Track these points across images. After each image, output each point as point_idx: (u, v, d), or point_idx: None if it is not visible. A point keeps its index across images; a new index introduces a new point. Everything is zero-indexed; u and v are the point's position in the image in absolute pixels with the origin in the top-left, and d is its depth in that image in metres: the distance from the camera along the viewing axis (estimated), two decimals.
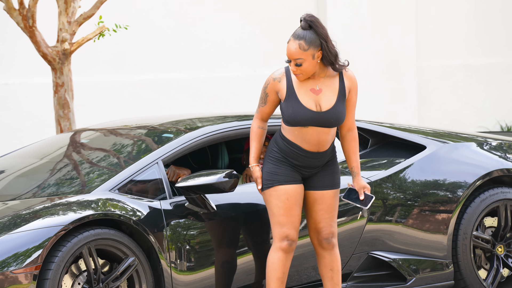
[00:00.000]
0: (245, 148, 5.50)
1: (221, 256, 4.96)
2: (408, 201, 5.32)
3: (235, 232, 5.00)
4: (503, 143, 5.68)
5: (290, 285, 5.10)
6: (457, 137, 5.64)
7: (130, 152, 5.21)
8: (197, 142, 5.14)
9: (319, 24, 4.60)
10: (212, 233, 4.95)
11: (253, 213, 5.05)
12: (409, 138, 5.53)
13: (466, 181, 5.40)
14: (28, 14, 6.65)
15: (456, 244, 5.37)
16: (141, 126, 5.50)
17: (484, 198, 5.43)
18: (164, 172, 5.02)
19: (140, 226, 4.77)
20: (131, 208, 4.80)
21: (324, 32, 4.60)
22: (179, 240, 4.86)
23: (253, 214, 5.05)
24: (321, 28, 4.61)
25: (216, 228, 4.97)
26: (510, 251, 5.50)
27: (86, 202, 4.74)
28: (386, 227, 5.27)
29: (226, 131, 5.23)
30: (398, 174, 5.35)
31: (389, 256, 5.26)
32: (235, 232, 5.00)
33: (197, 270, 4.90)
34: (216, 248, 4.96)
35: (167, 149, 5.08)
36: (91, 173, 5.12)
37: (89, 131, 5.73)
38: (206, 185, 4.84)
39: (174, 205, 4.93)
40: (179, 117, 5.60)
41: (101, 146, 5.42)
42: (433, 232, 5.34)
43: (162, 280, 4.81)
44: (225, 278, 4.97)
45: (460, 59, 10.34)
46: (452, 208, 5.36)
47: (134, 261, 4.76)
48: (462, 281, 5.37)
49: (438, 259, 5.34)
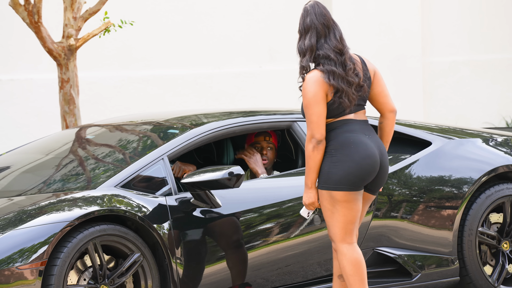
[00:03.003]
0: (247, 144, 5.50)
1: (227, 252, 4.96)
2: (414, 197, 5.32)
3: (241, 228, 5.00)
4: (509, 139, 5.67)
5: (295, 280, 5.10)
6: (462, 133, 5.63)
7: (135, 148, 5.21)
8: (202, 138, 5.14)
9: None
10: (217, 229, 4.95)
11: (259, 209, 5.05)
12: (415, 134, 5.52)
13: (471, 177, 5.39)
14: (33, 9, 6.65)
15: (461, 240, 5.37)
16: (147, 122, 5.50)
17: (489, 194, 5.42)
18: (170, 168, 5.02)
19: (146, 222, 4.78)
20: (136, 204, 4.80)
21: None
22: (184, 236, 4.87)
23: (258, 210, 5.05)
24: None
25: (222, 224, 4.97)
26: None
27: (91, 198, 4.75)
28: (391, 223, 5.26)
29: (231, 127, 5.23)
30: (404, 170, 5.35)
31: (394, 252, 5.26)
32: (241, 228, 5.00)
33: (202, 265, 4.90)
34: (222, 244, 4.96)
35: (172, 145, 5.08)
36: (96, 169, 5.13)
37: (94, 127, 5.73)
38: (211, 181, 4.84)
39: (180, 201, 4.93)
40: (185, 113, 5.60)
41: (107, 142, 5.42)
42: (438, 228, 5.34)
43: (167, 276, 4.81)
44: (232, 273, 4.97)
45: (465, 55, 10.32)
46: (457, 204, 5.36)
47: (139, 257, 4.76)
48: (468, 277, 5.37)
49: (444, 255, 5.33)
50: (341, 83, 4.49)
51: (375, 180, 4.56)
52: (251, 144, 5.47)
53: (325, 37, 4.51)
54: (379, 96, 4.59)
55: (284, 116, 5.37)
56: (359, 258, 4.52)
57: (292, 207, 5.10)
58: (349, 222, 4.52)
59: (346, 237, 4.53)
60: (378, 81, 4.60)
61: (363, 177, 4.49)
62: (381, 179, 4.57)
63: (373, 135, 4.58)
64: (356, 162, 4.47)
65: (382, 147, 4.58)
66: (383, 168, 4.56)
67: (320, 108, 4.46)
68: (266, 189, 5.12)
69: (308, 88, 4.47)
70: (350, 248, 4.53)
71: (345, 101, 4.49)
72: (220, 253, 4.94)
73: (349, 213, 4.51)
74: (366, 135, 4.54)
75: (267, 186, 5.14)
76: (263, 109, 5.50)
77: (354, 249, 4.53)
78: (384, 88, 4.60)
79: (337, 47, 4.51)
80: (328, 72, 4.46)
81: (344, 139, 4.51)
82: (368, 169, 4.48)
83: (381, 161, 4.54)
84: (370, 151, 4.50)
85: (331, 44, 4.50)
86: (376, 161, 4.51)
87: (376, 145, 4.56)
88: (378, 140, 4.59)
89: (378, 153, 4.53)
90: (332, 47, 4.50)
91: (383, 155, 4.56)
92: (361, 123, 4.57)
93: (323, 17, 4.52)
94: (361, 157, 4.48)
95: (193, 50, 9.57)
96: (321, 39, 4.50)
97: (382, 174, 4.56)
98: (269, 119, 5.34)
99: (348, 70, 4.50)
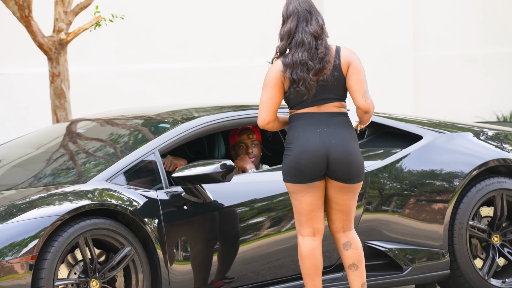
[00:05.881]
0: (231, 144, 5.50)
1: (217, 246, 4.96)
2: (405, 191, 5.33)
3: (232, 222, 5.00)
4: (500, 133, 5.68)
5: (286, 274, 5.11)
6: (453, 127, 5.64)
7: (126, 142, 5.20)
8: (193, 132, 5.13)
9: None
10: (208, 223, 4.95)
11: (250, 203, 5.05)
12: (406, 128, 5.53)
13: (462, 171, 5.40)
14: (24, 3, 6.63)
15: (452, 233, 5.38)
16: (138, 116, 5.49)
17: (480, 188, 5.43)
18: (161, 162, 5.01)
19: (137, 216, 4.77)
20: (127, 198, 4.80)
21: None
22: (175, 229, 4.86)
23: (249, 204, 5.05)
24: None
25: (213, 218, 4.97)
26: (506, 241, 5.51)
27: (82, 192, 4.74)
28: (382, 217, 5.27)
29: (222, 121, 5.23)
30: (395, 164, 5.35)
31: (385, 245, 5.26)
32: (232, 222, 5.00)
33: (193, 260, 4.90)
34: (213, 238, 4.95)
35: (163, 139, 5.07)
36: (87, 163, 5.12)
37: (85, 121, 5.72)
38: (202, 175, 4.84)
39: (171, 195, 4.93)
40: (176, 107, 5.60)
41: (98, 136, 5.41)
42: (429, 221, 5.34)
43: (158, 270, 4.81)
44: (222, 267, 4.97)
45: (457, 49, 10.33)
46: (448, 198, 5.37)
47: (130, 251, 4.75)
48: (458, 270, 5.38)
49: (434, 249, 5.34)
50: (300, 73, 4.53)
51: (331, 171, 4.57)
52: (235, 144, 5.48)
53: (306, 22, 4.56)
54: (350, 90, 4.60)
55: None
56: (307, 252, 4.58)
57: (283, 201, 5.10)
58: (300, 214, 4.61)
59: (300, 228, 4.63)
60: (351, 75, 4.57)
61: (302, 170, 4.55)
62: (336, 171, 4.55)
63: (332, 127, 4.57)
64: (294, 156, 4.56)
65: (337, 139, 4.55)
66: (333, 159, 4.54)
67: (271, 93, 4.55)
68: (257, 183, 5.12)
69: (267, 72, 4.59)
70: (301, 240, 4.62)
71: (302, 89, 4.54)
72: (211, 246, 4.94)
73: (298, 204, 4.60)
74: (318, 129, 4.56)
75: (258, 180, 5.14)
76: (253, 103, 5.50)
77: (304, 242, 4.60)
78: (355, 83, 4.56)
79: (317, 32, 4.54)
80: (287, 65, 4.53)
81: (292, 133, 4.60)
82: (305, 164, 4.53)
83: (328, 153, 4.54)
84: (309, 146, 4.54)
85: (312, 29, 4.55)
86: (315, 156, 4.53)
87: (327, 138, 4.55)
88: (337, 132, 4.57)
89: (323, 147, 4.54)
90: (313, 31, 4.54)
91: (335, 147, 4.54)
92: (321, 116, 4.58)
93: (306, 4, 4.59)
94: (299, 151, 4.55)
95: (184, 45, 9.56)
96: (302, 23, 4.56)
97: (335, 165, 4.54)
98: None
99: (314, 54, 4.53)
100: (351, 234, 4.65)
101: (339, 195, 4.61)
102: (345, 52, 4.57)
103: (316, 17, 4.56)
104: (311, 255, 4.58)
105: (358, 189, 4.63)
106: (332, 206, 4.64)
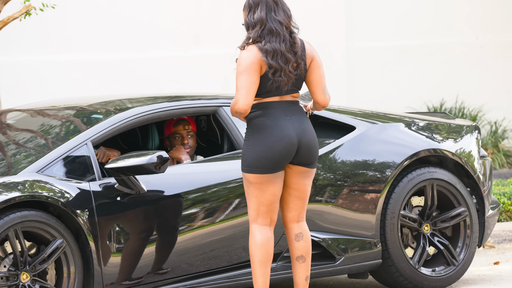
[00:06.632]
0: (166, 134, 5.48)
1: (151, 237, 4.94)
2: (338, 181, 5.37)
3: (166, 213, 4.98)
4: (431, 123, 5.76)
5: (220, 265, 5.11)
6: (385, 117, 5.70)
7: (58, 133, 5.14)
8: (127, 123, 5.09)
9: None
10: (142, 214, 4.92)
11: (184, 194, 5.04)
12: (339, 118, 5.57)
13: (394, 161, 5.47)
14: None
15: (384, 223, 5.44)
16: (70, 107, 5.42)
17: (411, 178, 5.51)
18: (94, 153, 4.96)
19: (69, 208, 4.72)
20: (59, 190, 4.74)
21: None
22: (108, 221, 4.82)
23: (183, 195, 5.04)
24: None
25: (146, 210, 4.94)
26: (436, 230, 5.60)
27: (12, 184, 4.66)
28: (316, 207, 5.31)
29: (156, 112, 5.20)
30: (328, 155, 5.39)
31: (319, 236, 5.30)
32: (166, 213, 4.98)
33: (126, 251, 4.87)
34: (146, 229, 4.93)
35: (96, 130, 5.02)
36: (17, 154, 5.04)
37: (15, 111, 5.63)
38: (136, 166, 4.80)
39: (104, 186, 4.89)
40: (109, 97, 5.54)
41: (28, 127, 5.33)
42: (362, 211, 5.40)
43: (91, 262, 4.76)
44: (156, 259, 4.95)
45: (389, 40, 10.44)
46: (380, 188, 5.43)
47: (62, 243, 4.70)
48: (390, 259, 5.45)
49: (367, 238, 5.40)
50: (280, 61, 4.59)
51: (298, 157, 4.65)
52: (170, 134, 5.45)
53: (274, 11, 4.61)
54: (310, 84, 4.69)
55: (210, 101, 5.36)
56: (263, 241, 4.62)
57: (217, 192, 5.10)
58: (261, 204, 4.64)
59: (258, 218, 4.65)
60: (313, 70, 4.68)
61: (277, 159, 4.60)
62: (303, 155, 4.65)
63: (296, 115, 4.67)
64: (268, 146, 4.58)
65: (304, 125, 4.67)
66: (303, 145, 4.64)
67: (254, 77, 4.56)
68: (192, 174, 5.11)
69: (243, 56, 4.57)
70: (258, 229, 4.65)
71: (284, 79, 4.59)
72: (144, 238, 4.91)
73: (262, 195, 4.62)
74: (287, 117, 4.64)
75: (192, 171, 5.13)
76: (188, 94, 5.48)
77: (262, 231, 4.63)
78: (316, 78, 4.67)
79: (285, 21, 4.61)
80: (266, 51, 4.55)
81: (260, 123, 4.61)
82: (281, 151, 4.59)
83: (300, 139, 4.63)
84: (284, 133, 4.60)
85: (280, 18, 4.60)
86: (290, 143, 4.61)
87: (297, 125, 4.65)
88: (301, 119, 4.67)
89: (295, 134, 4.63)
90: (281, 20, 4.60)
91: (305, 133, 4.66)
92: (285, 104, 4.66)
93: None
94: (274, 140, 4.58)
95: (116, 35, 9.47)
96: (271, 12, 4.60)
97: (304, 150, 4.64)
98: (195, 104, 5.32)
99: (290, 47, 4.60)
100: (304, 226, 4.72)
101: (300, 180, 4.67)
102: (308, 47, 4.67)
103: (282, 7, 4.63)
104: (268, 243, 4.62)
105: (314, 174, 4.72)
106: (291, 193, 4.68)
